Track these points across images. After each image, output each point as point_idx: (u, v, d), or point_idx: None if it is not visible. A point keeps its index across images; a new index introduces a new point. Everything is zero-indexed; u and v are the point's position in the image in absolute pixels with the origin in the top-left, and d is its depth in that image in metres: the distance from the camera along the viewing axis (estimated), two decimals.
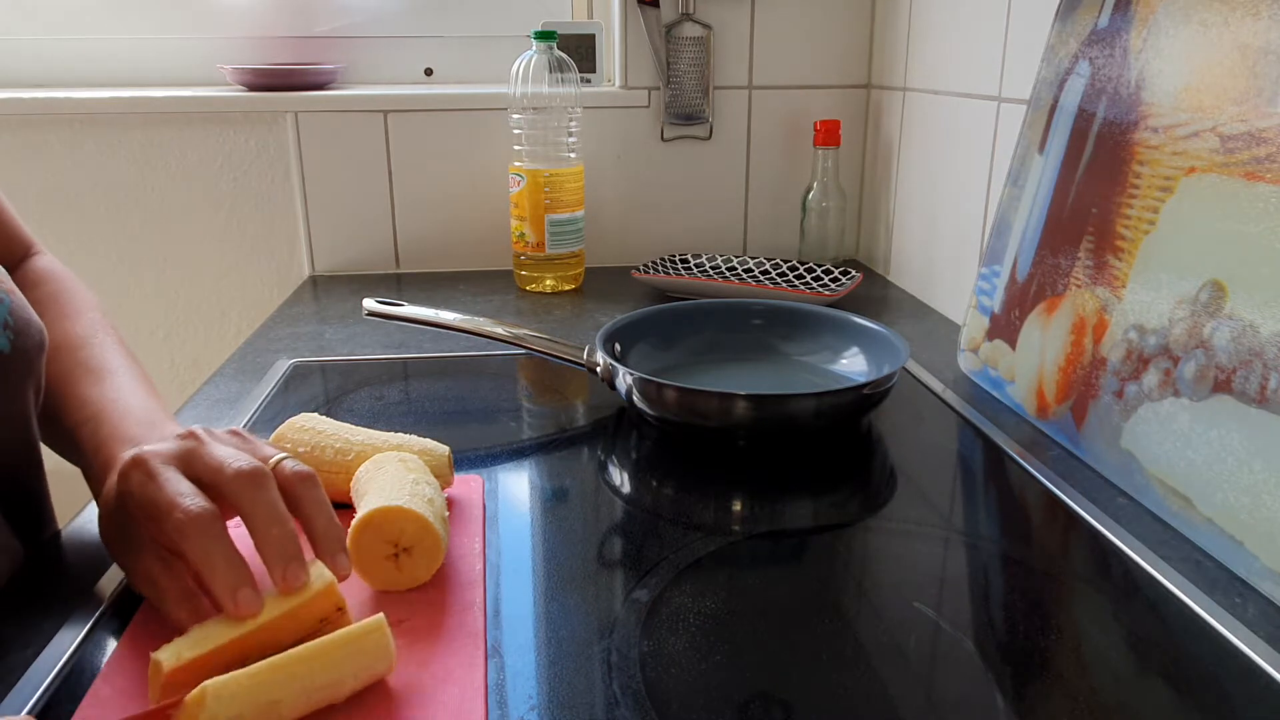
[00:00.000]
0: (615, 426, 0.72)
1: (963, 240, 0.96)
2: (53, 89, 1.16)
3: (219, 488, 0.43)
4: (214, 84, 1.22)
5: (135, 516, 0.44)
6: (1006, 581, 0.52)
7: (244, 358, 0.86)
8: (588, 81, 1.17)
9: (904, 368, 0.75)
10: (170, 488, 0.42)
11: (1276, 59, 0.52)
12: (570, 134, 1.05)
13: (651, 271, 1.08)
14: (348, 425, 0.58)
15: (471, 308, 1.03)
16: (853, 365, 0.78)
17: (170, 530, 0.41)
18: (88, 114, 1.11)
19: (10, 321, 0.48)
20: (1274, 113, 0.52)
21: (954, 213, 0.97)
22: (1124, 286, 0.62)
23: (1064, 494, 0.60)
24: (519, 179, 1.05)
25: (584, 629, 0.46)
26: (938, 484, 0.63)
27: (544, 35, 1.02)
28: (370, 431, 0.58)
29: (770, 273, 1.09)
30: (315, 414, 0.59)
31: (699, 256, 1.13)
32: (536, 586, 0.50)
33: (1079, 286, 0.66)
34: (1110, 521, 0.56)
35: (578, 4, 1.27)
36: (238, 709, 0.36)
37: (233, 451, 0.44)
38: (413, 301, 0.79)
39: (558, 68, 1.03)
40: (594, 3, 1.25)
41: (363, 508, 0.48)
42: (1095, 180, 0.66)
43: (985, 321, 0.77)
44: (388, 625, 0.40)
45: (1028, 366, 0.71)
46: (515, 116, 1.04)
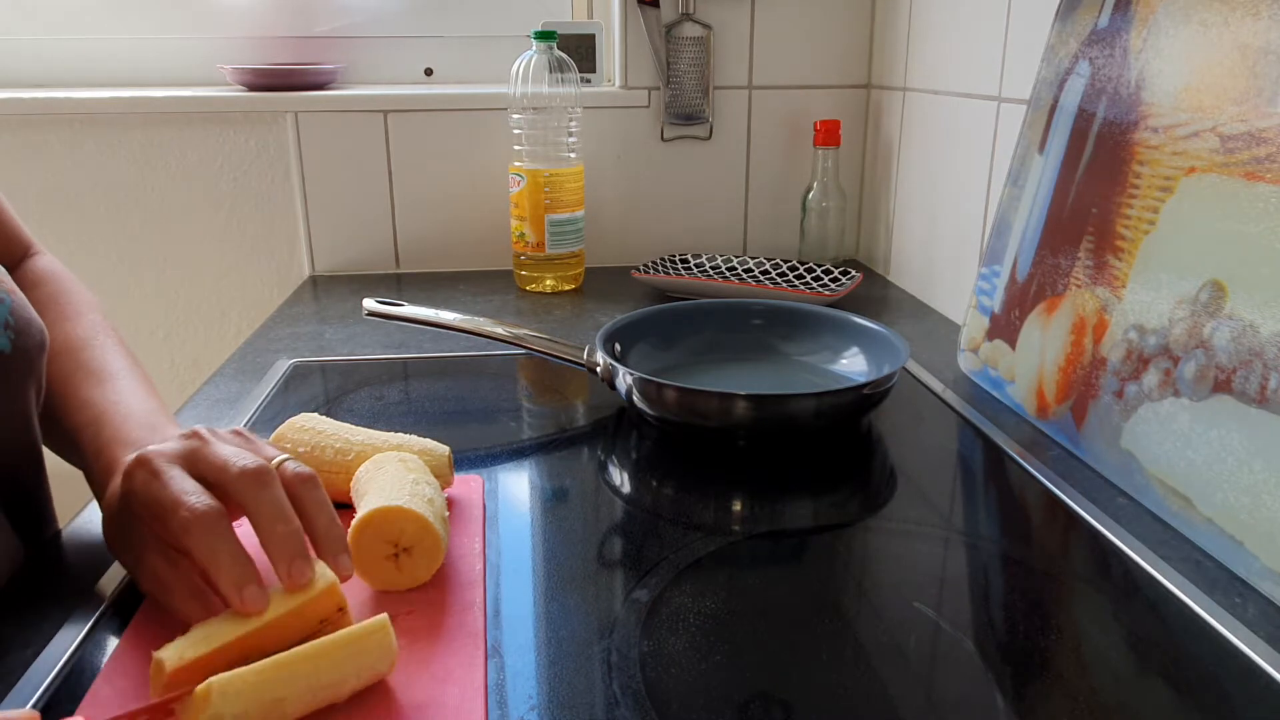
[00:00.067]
0: (615, 426, 0.72)
1: (963, 240, 0.96)
2: (53, 89, 1.16)
3: (224, 486, 0.43)
4: (214, 84, 1.22)
5: (140, 516, 0.44)
6: (1006, 581, 0.52)
7: (244, 358, 0.86)
8: (588, 81, 1.17)
9: (904, 368, 0.75)
10: (175, 486, 0.42)
11: (1276, 59, 0.52)
12: (570, 134, 1.05)
13: (651, 271, 1.08)
14: (348, 425, 0.58)
15: (471, 308, 1.03)
16: (853, 365, 0.78)
17: (176, 528, 0.41)
18: (88, 114, 1.11)
19: (11, 321, 0.48)
20: (1274, 113, 0.52)
21: (954, 213, 0.97)
22: (1124, 286, 0.62)
23: (1064, 494, 0.60)
24: (519, 179, 1.05)
25: (584, 629, 0.46)
26: (938, 484, 0.63)
27: (544, 35, 1.02)
28: (370, 431, 0.58)
29: (770, 273, 1.09)
30: (315, 414, 0.59)
31: (699, 256, 1.13)
32: (536, 586, 0.50)
33: (1079, 286, 0.66)
34: (1110, 521, 0.56)
35: (578, 4, 1.27)
36: (242, 706, 0.36)
37: (237, 450, 0.44)
38: (413, 301, 0.79)
39: (558, 68, 1.03)
40: (594, 3, 1.25)
41: (363, 508, 0.48)
42: (1095, 180, 0.66)
43: (985, 321, 0.77)
44: (391, 626, 0.40)
45: (1028, 366, 0.71)
46: (515, 116, 1.04)
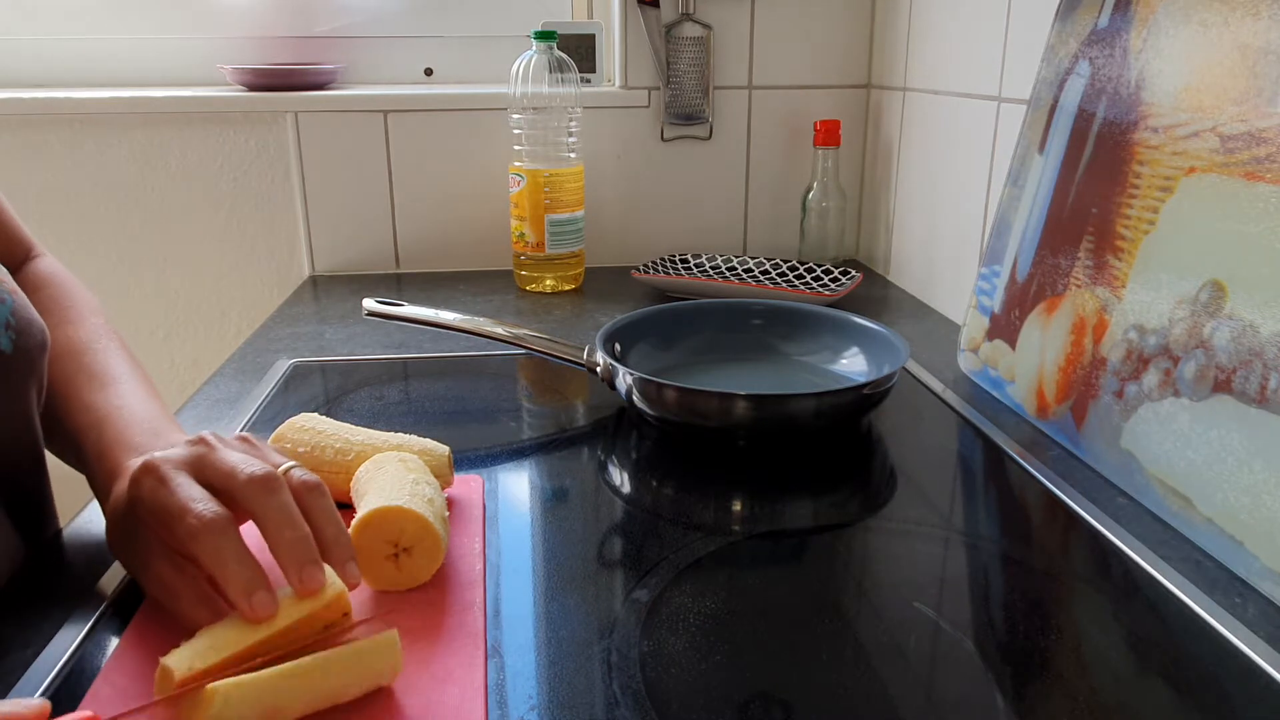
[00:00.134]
0: (615, 426, 0.72)
1: (963, 240, 0.96)
2: (53, 89, 1.16)
3: (231, 493, 0.43)
4: (214, 84, 1.22)
5: (147, 522, 0.44)
6: (1006, 581, 0.52)
7: (244, 358, 0.86)
8: (588, 81, 1.17)
9: (904, 368, 0.75)
10: (182, 493, 0.42)
11: (1276, 59, 0.52)
12: (570, 134, 1.05)
13: (651, 271, 1.08)
14: (348, 425, 0.58)
15: (471, 308, 1.03)
16: (853, 365, 0.78)
17: (183, 535, 0.41)
18: (88, 114, 1.11)
19: (13, 321, 0.48)
20: (1274, 113, 0.52)
21: (954, 213, 0.97)
22: (1124, 286, 0.62)
23: (1064, 494, 0.60)
24: (519, 179, 1.05)
25: (584, 629, 0.46)
26: (938, 484, 0.63)
27: (544, 35, 1.02)
28: (370, 431, 0.58)
29: (770, 273, 1.09)
30: (315, 414, 0.59)
31: (699, 256, 1.13)
32: (536, 586, 0.50)
33: (1079, 286, 0.66)
34: (1110, 521, 0.56)
35: (578, 4, 1.27)
36: (245, 712, 0.36)
37: (244, 457, 0.44)
38: (413, 301, 0.79)
39: (558, 68, 1.03)
40: (594, 3, 1.25)
41: (363, 508, 0.48)
42: (1095, 180, 0.66)
43: (985, 321, 0.77)
44: (399, 640, 0.40)
45: (1028, 366, 0.71)
46: (515, 116, 1.04)
